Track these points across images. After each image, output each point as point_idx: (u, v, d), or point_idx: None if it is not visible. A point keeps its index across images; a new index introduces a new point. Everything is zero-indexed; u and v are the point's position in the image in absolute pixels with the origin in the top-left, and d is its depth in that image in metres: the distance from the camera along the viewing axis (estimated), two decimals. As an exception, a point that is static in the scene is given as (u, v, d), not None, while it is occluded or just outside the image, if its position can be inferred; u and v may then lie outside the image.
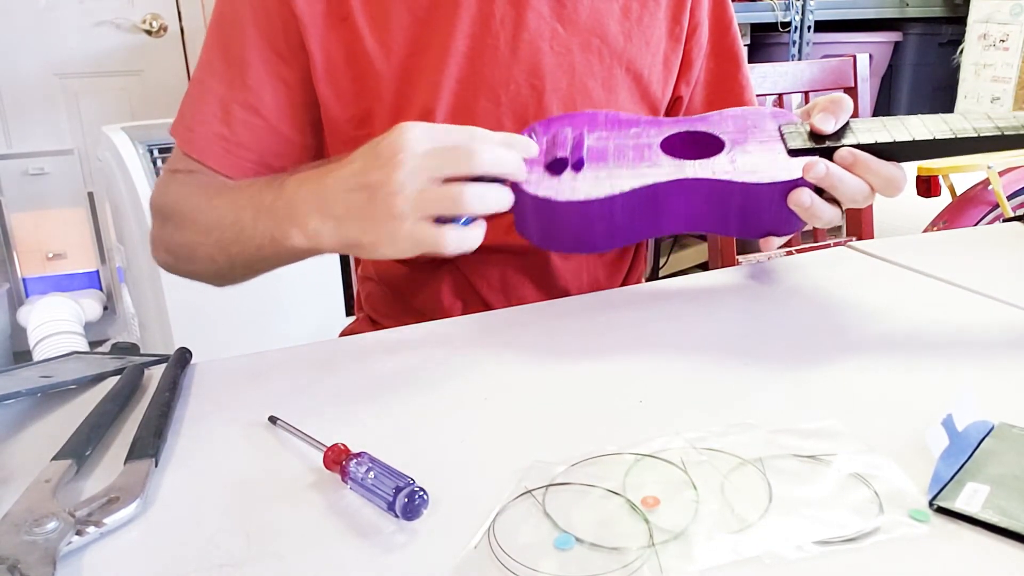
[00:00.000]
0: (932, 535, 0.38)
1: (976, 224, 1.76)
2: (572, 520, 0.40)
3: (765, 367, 0.56)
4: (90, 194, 2.43)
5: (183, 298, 1.74)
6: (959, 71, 2.86)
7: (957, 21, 2.91)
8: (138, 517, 0.42)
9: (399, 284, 0.84)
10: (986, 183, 1.77)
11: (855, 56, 1.46)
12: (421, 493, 0.40)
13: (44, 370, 0.61)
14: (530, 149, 0.62)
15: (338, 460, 0.44)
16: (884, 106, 3.12)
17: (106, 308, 2.49)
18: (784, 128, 0.65)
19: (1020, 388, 0.52)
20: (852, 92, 1.45)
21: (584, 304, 0.71)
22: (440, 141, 0.57)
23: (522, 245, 0.78)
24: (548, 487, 0.43)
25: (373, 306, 0.88)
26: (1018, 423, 0.47)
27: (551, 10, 0.75)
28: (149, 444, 0.47)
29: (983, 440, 0.45)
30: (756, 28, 2.71)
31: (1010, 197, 1.76)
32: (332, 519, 0.41)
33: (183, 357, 0.60)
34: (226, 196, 0.69)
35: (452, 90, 0.74)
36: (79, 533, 0.39)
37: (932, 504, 0.40)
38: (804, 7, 2.63)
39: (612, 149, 0.65)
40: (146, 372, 0.60)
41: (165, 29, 2.45)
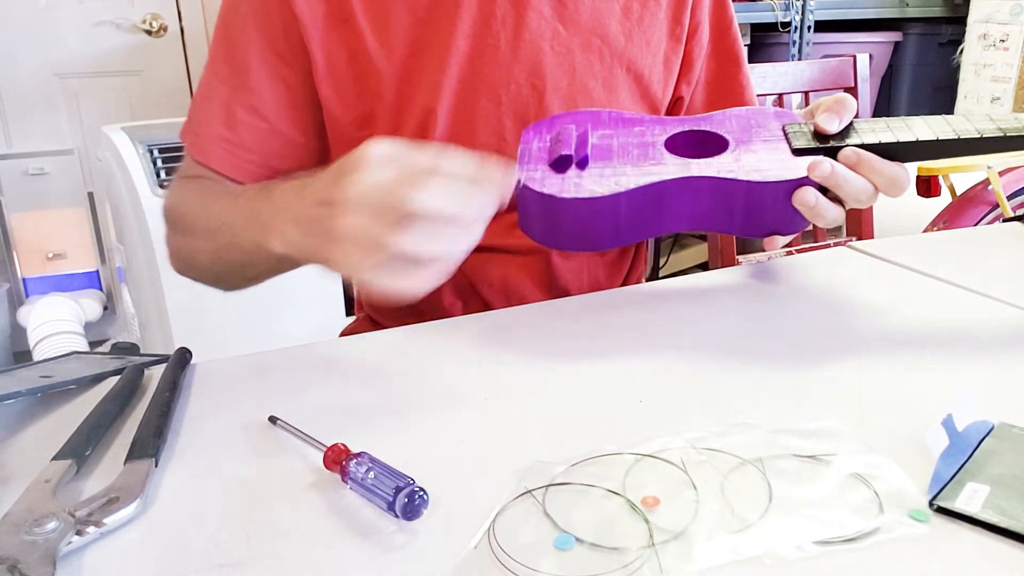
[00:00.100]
0: (932, 535, 0.38)
1: (976, 224, 1.76)
2: (572, 520, 0.40)
3: (765, 367, 0.56)
4: (90, 194, 2.43)
5: (183, 298, 1.74)
6: (959, 71, 2.86)
7: (957, 21, 2.91)
8: (138, 517, 0.42)
9: (399, 284, 0.84)
10: (986, 183, 1.77)
11: (855, 56, 1.46)
12: (421, 493, 0.40)
13: (44, 370, 0.61)
14: (502, 186, 0.53)
15: (338, 460, 0.44)
16: (884, 106, 3.12)
17: (106, 308, 2.49)
18: (788, 128, 0.65)
19: (1020, 388, 0.52)
20: (852, 92, 1.45)
21: (584, 304, 0.71)
22: (400, 165, 0.51)
23: (522, 245, 0.78)
24: (548, 487, 0.43)
25: (373, 306, 0.88)
26: (1018, 423, 0.47)
27: (552, 10, 0.75)
28: (149, 444, 0.47)
29: (983, 440, 0.45)
30: (756, 28, 2.71)
31: (1010, 197, 1.76)
32: (332, 519, 0.41)
33: (183, 357, 0.60)
34: (224, 202, 0.69)
35: (453, 90, 0.74)
36: (79, 533, 0.39)
37: (932, 504, 0.40)
38: (804, 7, 2.63)
39: (616, 147, 0.65)
40: (146, 372, 0.60)
41: (165, 29, 2.45)
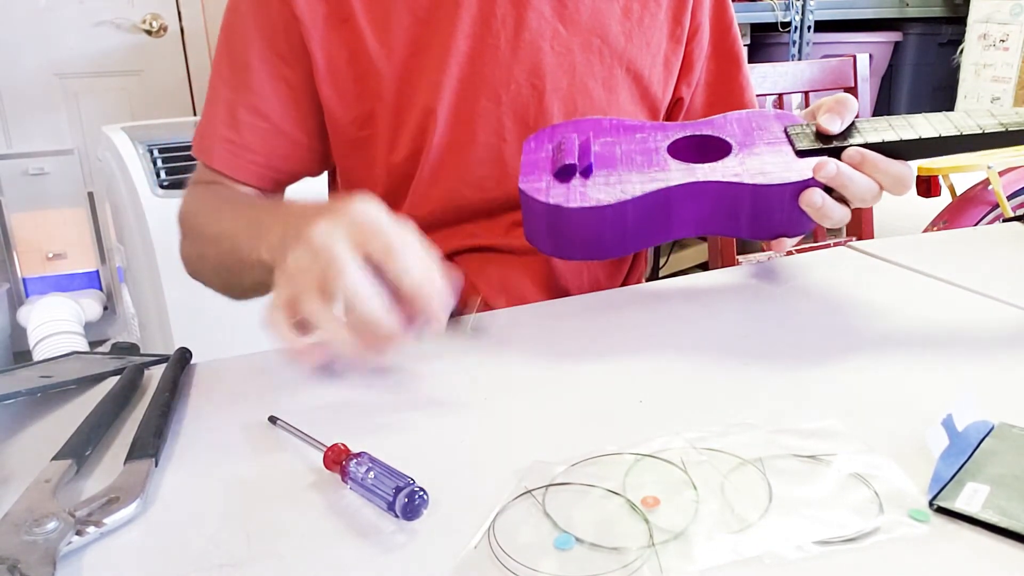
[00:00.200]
0: (932, 535, 0.38)
1: (976, 224, 1.76)
2: (572, 520, 0.40)
3: (765, 367, 0.56)
4: (90, 194, 2.43)
5: (183, 298, 1.73)
6: (959, 71, 2.86)
7: (957, 21, 2.91)
8: (138, 517, 0.42)
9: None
10: (986, 183, 1.77)
11: (855, 56, 1.46)
12: (421, 493, 0.40)
13: (44, 370, 0.61)
14: (441, 301, 0.51)
15: (338, 460, 0.44)
16: (884, 106, 3.12)
17: (106, 308, 2.49)
18: (790, 129, 0.65)
19: (1020, 388, 0.52)
20: (852, 92, 1.45)
21: (584, 304, 0.71)
22: (363, 236, 0.50)
23: (522, 245, 0.78)
24: (548, 487, 0.43)
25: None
26: (1018, 423, 0.47)
27: (552, 10, 0.75)
28: (149, 444, 0.47)
29: (983, 440, 0.45)
30: (756, 28, 2.71)
31: (1010, 197, 1.76)
32: (332, 519, 0.41)
33: (183, 357, 0.60)
34: (232, 208, 0.70)
35: (453, 90, 0.74)
36: (79, 533, 0.39)
37: (932, 504, 0.40)
38: (804, 7, 2.63)
39: (620, 154, 0.65)
40: (146, 372, 0.60)
41: (165, 29, 2.45)
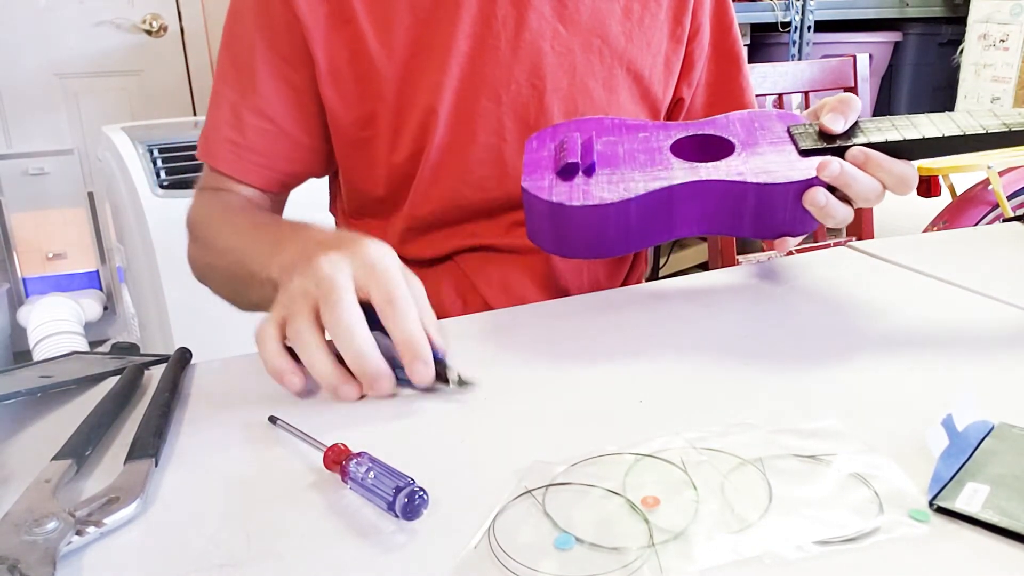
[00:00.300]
0: (932, 535, 0.38)
1: (976, 224, 1.76)
2: (572, 520, 0.40)
3: (765, 367, 0.56)
4: (90, 194, 2.43)
5: (183, 298, 1.73)
6: (959, 71, 2.86)
7: (957, 21, 2.91)
8: (138, 517, 0.42)
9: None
10: (986, 183, 1.77)
11: (855, 56, 1.46)
12: (421, 493, 0.40)
13: (44, 370, 0.61)
14: (427, 363, 0.52)
15: (338, 460, 0.44)
16: (884, 106, 3.12)
17: (106, 308, 2.49)
18: (793, 129, 0.65)
19: (1020, 388, 0.52)
20: (852, 92, 1.45)
21: (584, 304, 0.71)
22: (369, 278, 0.52)
23: (522, 245, 0.78)
24: (548, 487, 0.43)
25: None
26: (1018, 423, 0.47)
27: (552, 10, 0.75)
28: (149, 444, 0.47)
29: (983, 440, 0.45)
30: (756, 28, 2.71)
31: (1010, 197, 1.76)
32: (332, 519, 0.41)
33: (183, 357, 0.60)
34: (242, 220, 0.71)
35: (454, 90, 0.74)
36: (79, 533, 0.39)
37: (932, 504, 0.40)
38: (804, 7, 2.63)
39: (622, 153, 0.65)
40: (146, 372, 0.60)
41: (165, 29, 2.45)
